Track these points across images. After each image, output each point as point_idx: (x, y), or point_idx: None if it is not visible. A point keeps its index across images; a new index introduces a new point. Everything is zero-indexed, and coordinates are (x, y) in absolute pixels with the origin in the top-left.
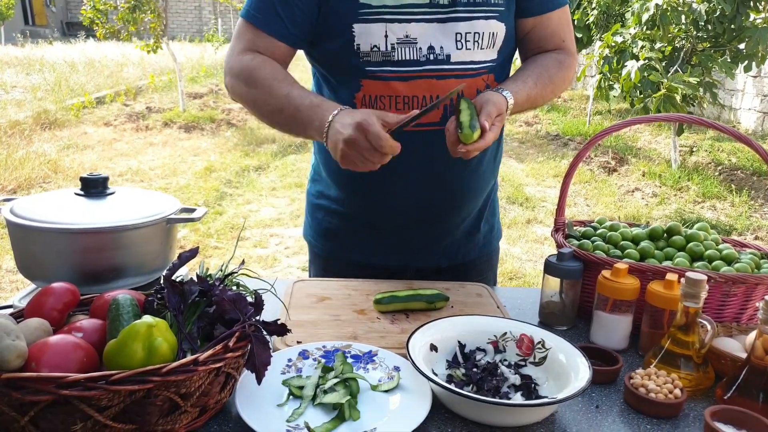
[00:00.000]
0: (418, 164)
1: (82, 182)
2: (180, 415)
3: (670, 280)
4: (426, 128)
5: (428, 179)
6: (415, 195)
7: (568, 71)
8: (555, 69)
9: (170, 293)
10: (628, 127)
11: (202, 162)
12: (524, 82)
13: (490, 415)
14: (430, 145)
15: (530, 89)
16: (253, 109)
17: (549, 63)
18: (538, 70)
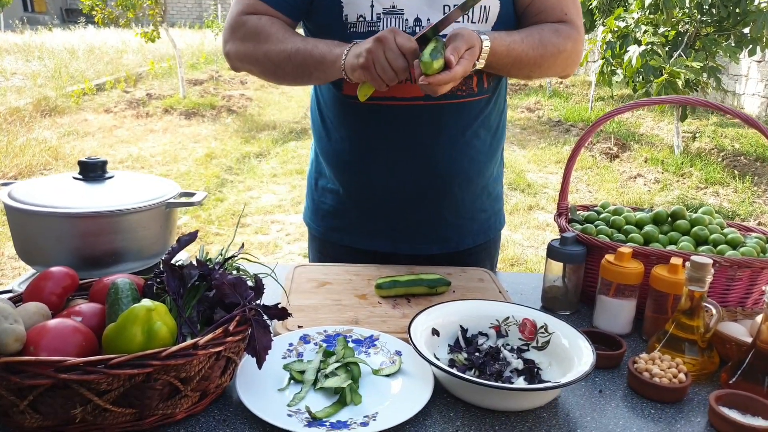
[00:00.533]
0: (407, 144)
1: (80, 166)
2: (180, 400)
3: (675, 264)
4: (410, 102)
5: (414, 159)
6: (402, 177)
7: (566, 41)
8: (549, 34)
9: (169, 277)
10: (633, 110)
11: (203, 149)
12: (509, 34)
13: (493, 399)
14: (417, 123)
15: (514, 41)
16: (264, 62)
17: (544, 27)
18: (530, 30)
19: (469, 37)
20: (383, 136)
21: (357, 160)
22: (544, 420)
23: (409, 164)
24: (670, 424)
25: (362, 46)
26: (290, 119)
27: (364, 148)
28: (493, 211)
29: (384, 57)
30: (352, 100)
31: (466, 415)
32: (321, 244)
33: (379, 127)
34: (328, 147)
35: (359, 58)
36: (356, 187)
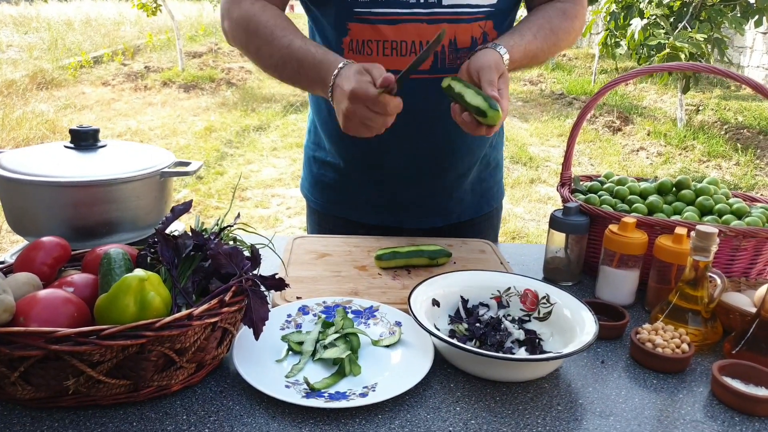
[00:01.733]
0: (406, 116)
1: (72, 135)
2: (176, 371)
3: (679, 234)
4: (416, 76)
5: (416, 133)
6: (403, 150)
7: (574, 21)
8: (558, 19)
9: (163, 247)
10: (638, 78)
11: (202, 122)
12: (522, 36)
13: (494, 369)
14: (417, 95)
15: (528, 43)
16: (255, 59)
17: (551, 13)
18: (539, 21)
19: (497, 65)
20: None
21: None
22: (546, 390)
23: (410, 137)
24: (672, 394)
25: (341, 102)
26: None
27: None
28: (494, 181)
29: (360, 119)
30: None
31: (466, 386)
32: (320, 217)
33: None
34: (329, 121)
35: (339, 117)
36: (357, 161)
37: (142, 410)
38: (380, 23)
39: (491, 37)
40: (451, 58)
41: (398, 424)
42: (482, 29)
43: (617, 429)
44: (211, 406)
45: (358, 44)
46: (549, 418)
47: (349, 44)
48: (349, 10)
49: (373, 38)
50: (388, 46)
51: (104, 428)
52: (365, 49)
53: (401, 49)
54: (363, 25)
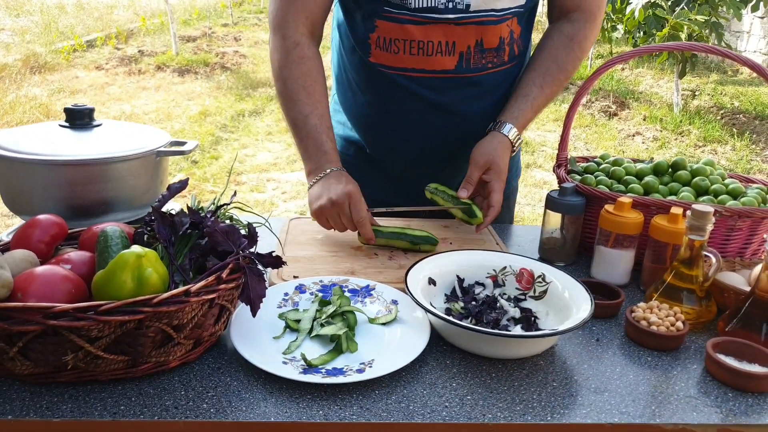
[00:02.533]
0: (433, 109)
1: (66, 114)
2: (173, 347)
3: (675, 214)
4: (441, 75)
5: (442, 124)
6: (428, 142)
7: (582, 44)
8: (565, 52)
9: (160, 224)
10: (637, 56)
11: (197, 106)
12: (526, 97)
13: (490, 346)
14: (441, 92)
15: (535, 99)
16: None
17: (557, 45)
18: (545, 65)
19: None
20: (411, 104)
21: (382, 125)
22: (541, 367)
23: (436, 130)
24: (666, 371)
25: (320, 199)
26: None
27: (391, 115)
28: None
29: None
30: (379, 67)
31: (462, 363)
32: None
33: (407, 95)
34: (353, 107)
35: (313, 205)
36: (379, 147)
37: (140, 386)
38: (408, 23)
39: (516, 34)
40: (476, 59)
41: (395, 400)
42: (510, 27)
43: (612, 404)
44: (209, 382)
45: (385, 41)
46: (544, 394)
47: (376, 40)
48: (380, 8)
49: (400, 37)
50: (414, 46)
51: (103, 403)
52: (392, 47)
53: (428, 49)
54: (391, 23)
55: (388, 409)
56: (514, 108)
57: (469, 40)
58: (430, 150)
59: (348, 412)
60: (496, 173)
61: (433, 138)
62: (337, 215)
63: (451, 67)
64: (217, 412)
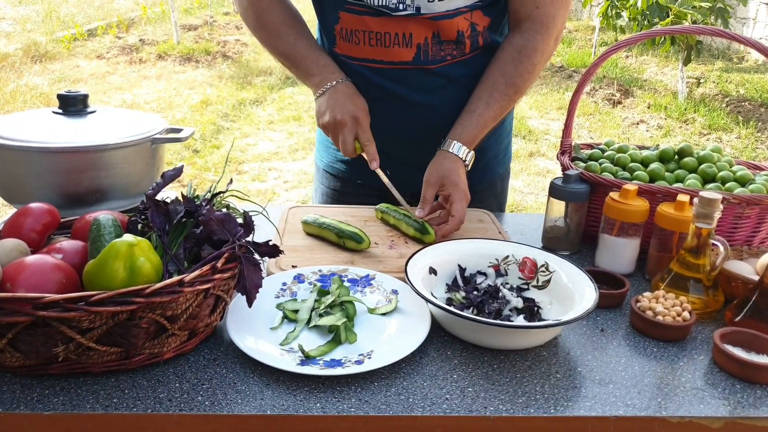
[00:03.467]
0: (391, 103)
1: (60, 100)
2: (167, 338)
3: (681, 202)
4: (399, 66)
5: (411, 112)
6: (400, 129)
7: (533, 57)
8: (513, 66)
9: (154, 213)
10: (642, 41)
11: (198, 95)
12: (472, 113)
13: (492, 337)
14: (400, 83)
15: (480, 115)
16: (263, 45)
17: (504, 65)
18: (492, 79)
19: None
20: (374, 95)
21: None
22: (544, 359)
23: (401, 121)
24: (672, 362)
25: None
26: None
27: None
28: (499, 149)
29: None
30: (344, 58)
31: (463, 354)
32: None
33: (370, 86)
34: None
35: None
36: None
37: (134, 378)
38: (366, 15)
39: (481, 26)
40: (434, 51)
41: (394, 392)
42: (469, 20)
43: (616, 396)
44: (204, 373)
45: (347, 33)
46: (548, 386)
47: (340, 31)
48: (341, 2)
49: (360, 28)
50: (373, 37)
51: (95, 396)
52: (353, 37)
53: (385, 40)
54: (352, 15)
55: (387, 402)
56: (459, 125)
57: (426, 32)
58: (398, 141)
59: (346, 405)
60: (453, 186)
61: (400, 129)
62: (341, 133)
63: (409, 58)
64: (212, 405)
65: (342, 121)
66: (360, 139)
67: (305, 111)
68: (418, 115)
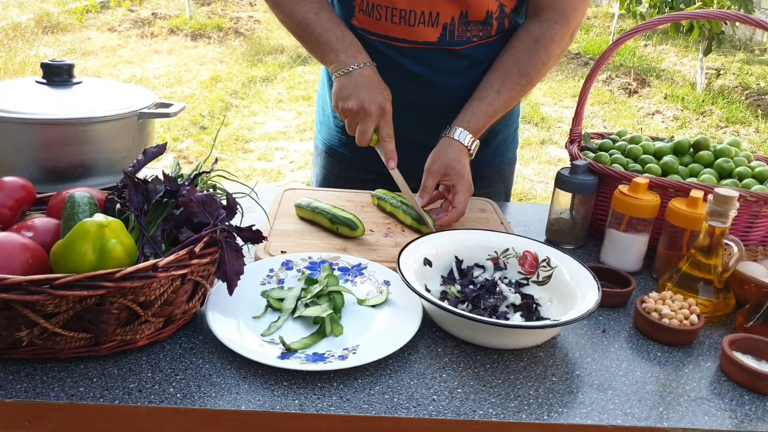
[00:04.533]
0: (418, 79)
1: (43, 69)
2: (141, 325)
3: (695, 198)
4: (424, 47)
5: (429, 92)
6: (416, 109)
7: (549, 47)
8: (528, 55)
9: (132, 191)
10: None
11: (208, 71)
12: (482, 99)
13: (485, 335)
14: (423, 64)
15: (490, 104)
16: (277, 10)
17: (519, 54)
18: (505, 67)
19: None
20: (393, 74)
21: None
22: (541, 360)
23: (420, 102)
24: (677, 368)
25: (349, 99)
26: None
27: None
28: (509, 132)
29: (355, 125)
30: (362, 32)
31: (455, 352)
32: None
33: (390, 64)
34: None
35: (340, 103)
36: None
37: (104, 365)
38: None
39: (509, 8)
40: (460, 31)
41: (378, 390)
42: (499, 1)
43: (615, 404)
44: (180, 363)
45: (368, 6)
46: (542, 389)
47: (360, 3)
48: None
49: (383, 3)
50: (397, 14)
51: (62, 383)
52: (374, 12)
53: (410, 18)
54: None
55: (370, 401)
56: (467, 112)
57: (454, 12)
58: (415, 122)
59: (326, 403)
60: (457, 176)
61: (418, 110)
62: (362, 122)
63: (434, 38)
64: (184, 398)
65: (368, 110)
66: (381, 132)
67: (315, 91)
68: (438, 97)
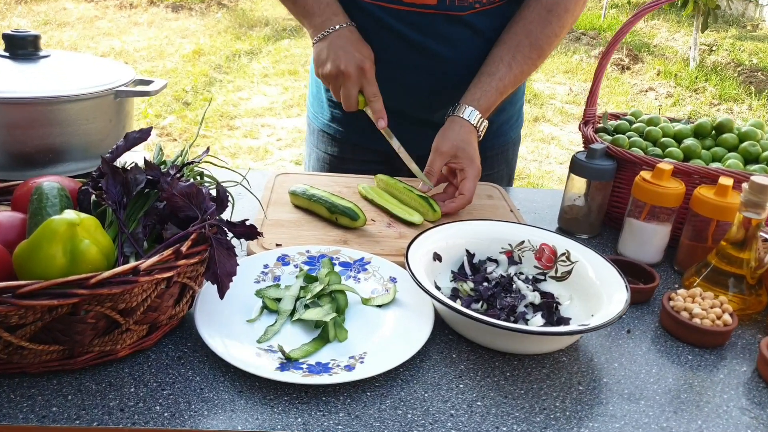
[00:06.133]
0: (409, 50)
1: (5, 41)
2: (121, 335)
3: (724, 185)
4: (421, 10)
5: (419, 67)
6: (406, 83)
7: (562, 18)
8: (539, 29)
9: (110, 182)
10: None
11: (191, 45)
12: (491, 75)
13: (506, 341)
14: (422, 30)
15: (501, 79)
16: None
17: (531, 26)
18: (516, 39)
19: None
20: (388, 41)
21: None
22: (564, 365)
23: (419, 74)
24: (711, 373)
25: (326, 64)
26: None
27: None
28: (514, 109)
29: (338, 90)
30: None
31: (471, 357)
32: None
33: (383, 30)
34: None
35: (318, 69)
36: None
37: (80, 380)
38: None
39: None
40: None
41: (390, 404)
42: None
43: (650, 416)
44: (167, 375)
45: None
46: (569, 400)
47: None
48: None
49: None
50: None
51: (32, 402)
52: None
53: None
54: None
55: (381, 417)
56: (476, 89)
57: None
58: (408, 95)
59: (332, 420)
60: (468, 160)
61: (412, 82)
62: (344, 86)
63: (433, 2)
64: (172, 417)
65: (346, 72)
66: (365, 92)
67: (301, 65)
68: (436, 67)
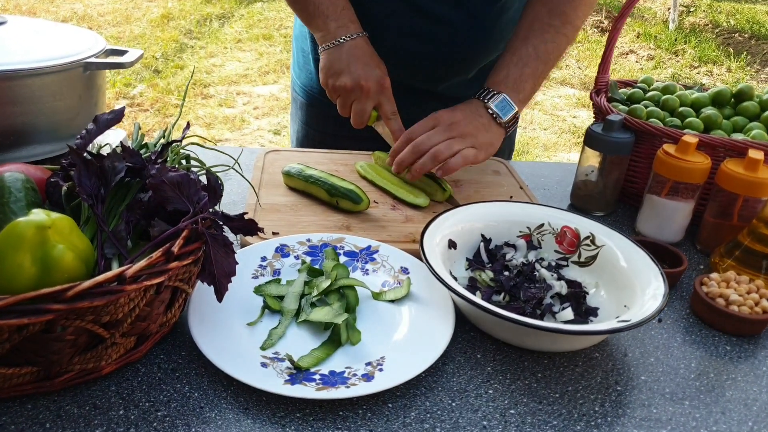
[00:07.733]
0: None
1: None
2: (106, 350)
3: (754, 159)
4: None
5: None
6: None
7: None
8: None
9: (83, 172)
10: None
11: (159, 8)
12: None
13: (536, 339)
14: None
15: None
16: None
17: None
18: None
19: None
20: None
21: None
22: (598, 363)
23: (428, 37)
24: (753, 366)
25: (341, 75)
26: None
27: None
28: None
29: (350, 104)
30: None
31: (497, 358)
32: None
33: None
34: None
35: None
36: None
37: (59, 403)
38: None
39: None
40: None
41: (415, 417)
42: None
43: (697, 420)
44: (160, 393)
45: None
46: (608, 403)
47: None
48: None
49: None
50: None
51: (2, 430)
52: None
53: None
54: None
55: None
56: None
57: None
58: (412, 65)
59: None
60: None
61: (417, 51)
62: (359, 100)
63: None
64: None
65: (366, 87)
66: (384, 110)
67: (276, 29)
68: (443, 33)
